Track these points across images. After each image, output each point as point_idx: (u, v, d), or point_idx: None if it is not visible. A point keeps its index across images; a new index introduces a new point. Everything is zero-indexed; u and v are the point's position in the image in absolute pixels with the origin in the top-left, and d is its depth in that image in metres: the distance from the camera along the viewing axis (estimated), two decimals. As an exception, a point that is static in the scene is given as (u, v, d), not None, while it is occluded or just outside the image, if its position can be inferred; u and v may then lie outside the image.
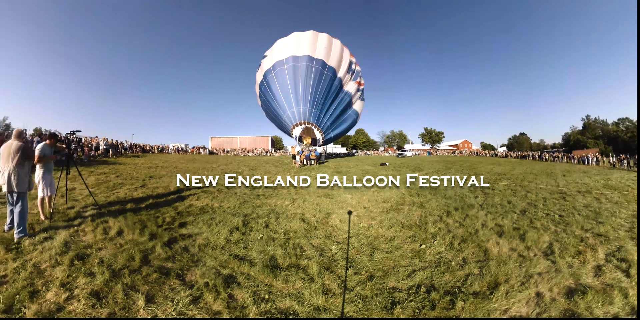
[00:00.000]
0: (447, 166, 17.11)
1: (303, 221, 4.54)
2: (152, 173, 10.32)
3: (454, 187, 7.90)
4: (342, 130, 25.22)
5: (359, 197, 6.43)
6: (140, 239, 3.58)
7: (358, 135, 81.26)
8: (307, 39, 21.46)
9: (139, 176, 9.22)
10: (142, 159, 16.87)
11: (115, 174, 9.45)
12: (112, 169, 10.78)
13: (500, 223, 4.53)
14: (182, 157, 22.69)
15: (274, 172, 11.97)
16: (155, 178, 9.03)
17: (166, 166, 13.47)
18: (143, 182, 7.96)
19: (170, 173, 10.60)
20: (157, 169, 11.72)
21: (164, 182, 8.10)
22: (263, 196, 6.53)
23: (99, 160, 14.77)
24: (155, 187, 7.25)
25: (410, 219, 4.72)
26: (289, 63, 21.16)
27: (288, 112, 21.33)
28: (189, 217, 4.66)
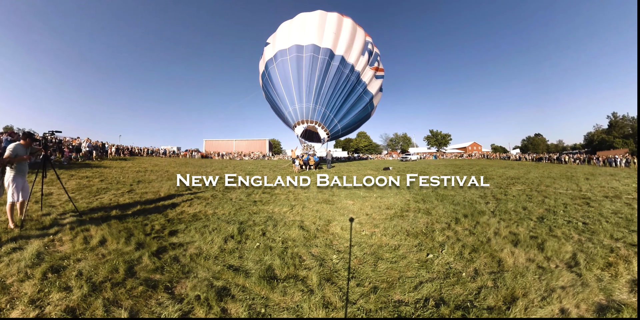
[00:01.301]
0: (454, 170, 16.99)
1: (302, 229, 4.47)
2: (141, 177, 10.22)
3: (460, 189, 7.90)
4: (351, 127, 23.80)
5: (361, 204, 6.37)
6: (126, 248, 3.49)
7: (360, 139, 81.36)
8: (313, 22, 19.94)
9: (125, 181, 9.11)
10: (130, 163, 16.74)
11: (99, 178, 9.34)
12: (96, 172, 10.66)
13: (515, 231, 4.42)
14: (174, 161, 22.56)
15: (271, 177, 11.87)
16: (143, 183, 8.92)
17: (156, 170, 13.38)
18: (130, 187, 7.86)
19: (161, 177, 10.50)
20: (146, 173, 11.62)
21: (154, 187, 8.01)
22: (260, 202, 6.47)
23: (81, 163, 14.51)
24: (143, 193, 7.15)
25: (416, 226, 4.65)
26: (292, 53, 19.79)
27: (290, 108, 20.26)
28: (180, 224, 4.57)
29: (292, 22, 20.98)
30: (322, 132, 20.55)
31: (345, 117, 21.24)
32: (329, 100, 19.78)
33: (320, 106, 19.65)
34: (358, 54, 20.39)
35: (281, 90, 20.37)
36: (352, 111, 21.43)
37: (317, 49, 19.39)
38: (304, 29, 20.00)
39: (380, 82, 22.92)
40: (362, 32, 21.05)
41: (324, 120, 20.12)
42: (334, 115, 20.36)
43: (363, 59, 20.74)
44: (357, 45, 20.41)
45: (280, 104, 20.99)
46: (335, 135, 22.08)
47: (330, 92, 19.66)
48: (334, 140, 23.70)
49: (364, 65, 20.81)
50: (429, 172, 15.37)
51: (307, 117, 19.84)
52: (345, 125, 21.99)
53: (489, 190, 8.48)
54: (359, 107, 21.76)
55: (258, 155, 40.83)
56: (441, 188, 8.70)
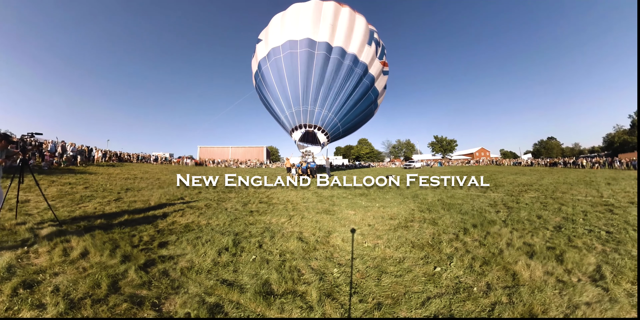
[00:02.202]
0: (461, 178, 16.86)
1: (301, 240, 4.40)
2: (129, 185, 10.14)
3: (468, 198, 7.81)
4: (354, 128, 22.81)
5: (362, 214, 6.31)
6: (110, 261, 3.38)
7: (361, 146, 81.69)
8: (307, 14, 18.79)
9: (112, 188, 9.02)
10: (118, 169, 16.64)
11: (83, 184, 9.24)
12: (80, 179, 10.56)
13: (530, 242, 4.31)
14: (166, 168, 22.48)
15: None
16: (132, 191, 8.84)
17: (146, 177, 13.32)
18: (117, 195, 7.77)
19: (151, 185, 10.42)
20: (135, 181, 11.55)
21: (143, 196, 7.92)
22: (257, 212, 6.42)
23: (64, 168, 14.27)
24: (132, 201, 7.05)
25: (422, 237, 4.57)
26: (285, 51, 18.71)
27: (287, 112, 19.41)
28: (171, 235, 4.47)
29: (285, 15, 19.87)
30: (321, 136, 19.69)
31: (347, 117, 20.19)
32: (329, 100, 18.80)
33: (320, 108, 18.74)
34: (361, 43, 18.95)
35: (276, 93, 19.53)
36: (356, 110, 20.32)
37: (312, 44, 18.20)
38: (298, 22, 18.86)
39: (386, 79, 21.97)
40: (362, 20, 19.65)
41: (324, 124, 19.24)
42: (335, 116, 19.31)
43: (370, 50, 19.26)
44: (358, 33, 19.01)
45: (276, 107, 20.19)
46: (336, 137, 21.37)
47: (330, 90, 18.62)
48: (335, 141, 22.69)
49: (371, 57, 19.38)
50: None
51: (305, 121, 18.99)
52: (347, 127, 21.11)
53: (499, 198, 8.39)
54: (364, 106, 20.60)
55: (255, 163, 40.82)
56: (445, 193, 8.69)
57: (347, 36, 18.57)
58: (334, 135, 20.45)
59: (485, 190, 10.30)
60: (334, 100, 18.86)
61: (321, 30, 18.30)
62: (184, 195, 8.33)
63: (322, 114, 18.88)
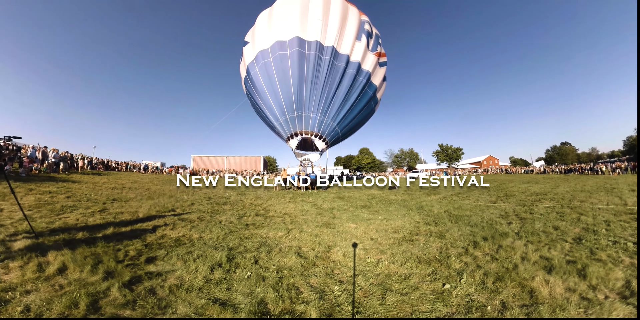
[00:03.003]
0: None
1: (299, 256, 4.32)
2: (117, 195, 10.00)
3: (477, 209, 7.70)
4: (354, 129, 22.14)
5: (364, 227, 6.25)
6: (91, 278, 3.25)
7: (362, 155, 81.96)
8: (295, 9, 18.10)
9: (98, 198, 8.90)
10: (105, 178, 16.44)
11: (65, 193, 9.10)
12: (62, 187, 10.40)
13: (547, 255, 4.19)
14: (157, 178, 22.25)
15: (265, 198, 11.73)
16: (119, 201, 8.71)
17: (135, 188, 13.17)
18: (103, 206, 7.66)
19: (140, 196, 10.31)
20: (123, 191, 11.41)
21: (131, 207, 7.80)
22: (253, 226, 6.36)
23: (44, 175, 13.96)
24: (118, 213, 6.94)
25: (428, 252, 4.48)
26: (274, 53, 18.06)
27: (280, 120, 18.92)
28: (160, 250, 4.37)
29: (271, 12, 19.26)
30: (319, 143, 19.19)
31: (346, 119, 19.62)
32: (324, 104, 18.28)
33: (315, 113, 18.25)
34: (352, 40, 18.42)
35: (268, 99, 18.99)
36: (354, 110, 19.72)
37: (302, 43, 17.56)
38: (285, 19, 18.22)
39: (384, 71, 21.17)
40: (355, 11, 19.13)
41: (320, 130, 18.72)
42: (332, 120, 18.81)
43: (360, 45, 18.72)
44: (350, 29, 18.45)
45: (269, 114, 19.71)
46: (335, 142, 20.90)
47: (325, 93, 18.11)
48: (335, 145, 22.06)
49: (363, 52, 18.85)
50: (439, 190, 15.15)
51: (301, 128, 18.58)
52: (346, 129, 20.58)
53: (511, 209, 8.28)
54: (362, 104, 19.92)
55: (252, 174, 40.66)
56: (452, 204, 8.61)
57: (338, 33, 17.93)
58: (332, 140, 19.95)
59: (495, 201, 10.18)
60: (330, 104, 18.34)
61: (311, 27, 17.57)
62: (175, 207, 8.23)
63: (318, 120, 18.37)
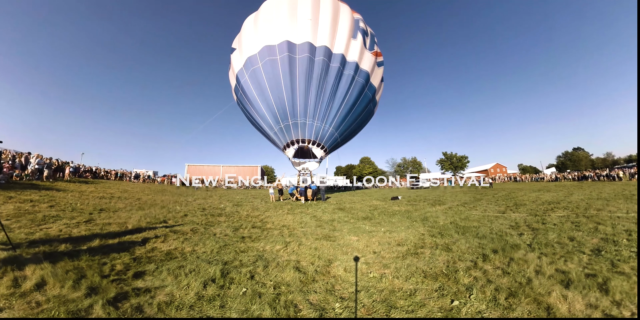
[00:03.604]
0: (475, 197, 16.65)
1: (298, 271, 4.25)
2: (104, 205, 9.91)
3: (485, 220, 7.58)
4: (353, 134, 21.82)
5: (366, 240, 6.19)
6: (72, 294, 3.14)
7: (363, 165, 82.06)
8: (283, 10, 17.62)
9: (84, 208, 8.81)
10: (92, 187, 16.28)
11: (48, 202, 9.00)
12: (45, 196, 10.29)
13: (564, 268, 4.09)
14: (148, 187, 22.13)
15: (262, 209, 11.64)
16: (107, 212, 8.63)
17: (125, 197, 13.09)
18: (89, 217, 7.56)
19: (130, 206, 10.23)
20: (111, 200, 11.31)
21: (120, 218, 7.70)
22: (249, 238, 6.28)
23: (26, 182, 13.78)
24: (106, 224, 6.84)
25: (435, 266, 4.40)
26: (263, 58, 17.60)
27: (275, 128, 18.65)
28: (150, 264, 4.27)
29: (258, 16, 18.89)
30: (317, 151, 18.86)
31: (345, 124, 19.25)
32: (321, 110, 17.80)
33: (311, 120, 17.86)
34: (347, 38, 17.89)
35: (260, 108, 18.69)
36: (354, 113, 19.36)
37: (292, 47, 17.15)
38: (273, 22, 17.76)
39: (382, 71, 20.90)
40: (347, 9, 18.65)
41: (318, 137, 18.33)
42: (330, 125, 18.36)
43: (356, 43, 18.25)
44: (343, 27, 17.85)
45: (263, 124, 19.44)
46: (334, 148, 20.71)
47: (321, 98, 17.63)
48: (334, 150, 21.71)
49: (359, 51, 18.32)
50: (445, 200, 15.06)
51: (297, 136, 18.24)
52: (346, 134, 20.31)
53: (522, 219, 8.18)
54: (360, 107, 19.52)
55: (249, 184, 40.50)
56: (458, 215, 8.49)
57: (331, 32, 17.43)
58: (331, 146, 19.71)
59: (504, 211, 10.08)
60: (326, 109, 17.87)
61: (300, 29, 17.10)
62: (167, 218, 8.14)
63: (315, 126, 17.98)
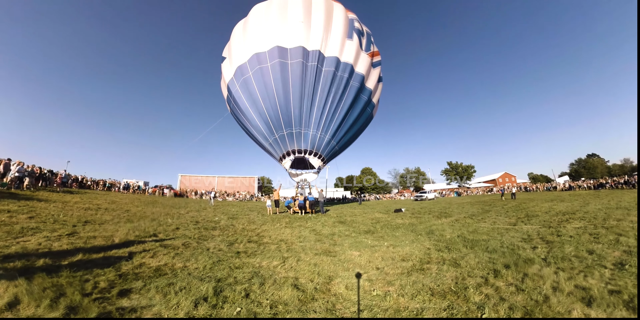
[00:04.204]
0: (484, 208, 16.54)
1: (297, 288, 4.16)
2: (90, 217, 9.76)
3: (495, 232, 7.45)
4: (352, 140, 21.50)
5: (369, 255, 6.12)
6: (49, 314, 3.01)
7: (364, 176, 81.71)
8: (273, 14, 17.37)
9: (67, 220, 8.66)
10: (78, 197, 16.02)
11: (27, 213, 8.84)
12: (25, 206, 10.10)
13: (584, 284, 3.99)
14: (138, 199, 21.88)
15: (259, 222, 11.50)
16: (92, 224, 8.48)
17: (113, 209, 12.93)
18: (73, 229, 7.42)
19: (118, 218, 10.09)
20: (97, 212, 11.13)
21: (106, 231, 7.56)
22: (244, 254, 6.17)
23: (5, 191, 13.56)
24: (90, 237, 6.69)
25: (442, 282, 4.32)
26: (254, 66, 17.45)
27: (270, 139, 18.52)
28: (137, 281, 4.14)
29: (247, 23, 18.81)
30: (315, 161, 18.62)
31: (341, 131, 18.95)
32: (316, 118, 17.57)
33: (307, 128, 17.65)
34: (341, 40, 17.58)
35: (253, 119, 18.59)
36: (349, 119, 19.08)
37: (283, 52, 16.85)
38: (261, 28, 17.59)
39: (378, 71, 20.59)
40: (340, 8, 18.34)
41: (314, 146, 18.09)
42: (326, 133, 18.08)
43: (352, 44, 17.94)
44: (337, 27, 17.53)
45: (257, 135, 19.34)
46: (332, 156, 20.52)
47: (316, 105, 17.38)
48: (333, 159, 21.39)
49: (355, 53, 18.02)
50: (451, 212, 14.93)
51: (293, 146, 18.09)
52: (344, 141, 20.04)
53: (535, 231, 8.07)
54: (357, 111, 19.28)
55: (245, 196, 40.36)
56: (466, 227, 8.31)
57: (324, 34, 17.09)
58: (329, 155, 19.54)
59: (515, 222, 9.98)
60: (322, 116, 17.61)
61: (292, 33, 16.85)
62: (157, 232, 8.00)
63: (311, 135, 17.75)
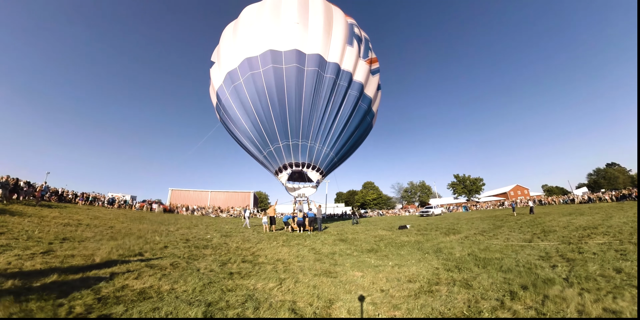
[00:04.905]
0: (495, 224, 16.37)
1: (294, 313, 4.07)
2: (69, 233, 9.59)
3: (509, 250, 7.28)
4: (351, 151, 21.03)
5: (373, 276, 6.02)
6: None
7: (366, 191, 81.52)
8: (264, 15, 16.80)
9: (43, 237, 8.51)
10: (57, 211, 15.75)
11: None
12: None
13: (614, 307, 3.85)
14: (124, 214, 21.51)
15: (254, 240, 11.30)
16: (71, 241, 8.32)
17: (95, 225, 12.72)
18: (48, 247, 7.25)
19: (100, 235, 9.92)
20: (78, 229, 10.97)
21: (87, 249, 7.39)
22: (238, 275, 6.04)
23: None
24: (68, 256, 6.52)
25: (454, 306, 4.19)
26: (245, 73, 16.76)
27: (264, 152, 17.99)
28: (118, 306, 3.99)
29: (237, 25, 18.25)
30: (313, 174, 18.15)
31: (340, 142, 18.52)
32: (314, 128, 17.08)
33: (304, 140, 17.12)
34: (342, 45, 17.00)
35: (245, 130, 17.99)
36: (349, 129, 18.62)
37: (276, 56, 16.12)
38: (253, 30, 16.96)
39: (377, 79, 20.33)
40: (340, 13, 17.97)
41: (312, 159, 17.65)
42: (324, 145, 17.63)
43: (352, 51, 17.43)
44: (337, 32, 16.96)
45: (250, 147, 18.89)
46: (331, 169, 20.22)
47: (314, 115, 16.86)
48: (332, 172, 21.09)
49: (354, 60, 17.57)
50: (460, 228, 14.73)
51: (289, 159, 17.65)
52: (343, 152, 19.69)
53: (553, 248, 7.92)
54: (356, 121, 18.89)
55: (239, 212, 39.94)
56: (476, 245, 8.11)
57: (324, 38, 16.53)
58: (328, 168, 19.12)
59: (531, 239, 9.83)
60: (320, 126, 17.14)
61: (285, 34, 16.22)
62: (143, 251, 7.83)
63: (308, 147, 17.28)
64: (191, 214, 35.77)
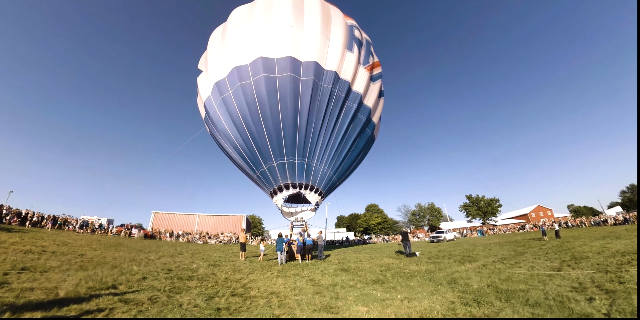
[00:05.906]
0: (517, 250, 16.03)
1: None
2: (30, 262, 9.31)
3: (535, 280, 6.97)
4: (352, 168, 20.56)
5: (379, 311, 5.68)
6: None
7: (370, 214, 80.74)
8: (255, 18, 16.43)
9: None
10: (17, 236, 15.34)
11: None
12: None
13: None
14: (98, 240, 20.94)
15: (246, 271, 10.97)
16: (32, 272, 8.06)
17: (63, 252, 12.36)
18: (3, 278, 6.99)
19: (67, 265, 9.64)
20: (41, 256, 10.68)
21: (50, 281, 7.14)
22: (226, 311, 5.74)
23: None
24: (26, 289, 6.24)
25: None
26: (234, 83, 16.31)
27: (258, 172, 17.63)
28: (82, 350, 3.68)
29: (225, 30, 17.91)
30: (312, 196, 17.67)
31: (338, 159, 18.04)
32: (311, 145, 16.65)
33: (300, 158, 16.67)
34: (342, 51, 16.62)
35: (237, 146, 17.62)
36: (346, 144, 18.19)
37: (268, 64, 15.59)
38: (242, 36, 16.59)
39: (379, 85, 19.84)
40: (339, 14, 17.68)
41: (310, 179, 17.15)
42: (320, 163, 17.17)
43: (352, 58, 17.03)
44: (337, 36, 16.55)
45: (243, 165, 18.59)
46: (331, 189, 19.80)
47: (312, 130, 16.44)
48: (332, 191, 20.65)
49: (354, 68, 17.23)
50: (476, 256, 14.37)
51: (285, 179, 17.15)
52: (342, 172, 19.26)
53: (587, 277, 7.62)
54: (354, 134, 18.44)
55: (230, 238, 39.26)
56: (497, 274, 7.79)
57: (322, 43, 16.10)
58: (327, 188, 18.65)
59: (560, 267, 9.51)
60: (316, 143, 16.72)
61: (278, 39, 15.71)
62: (118, 283, 7.56)
63: (306, 166, 16.85)
64: (176, 240, 35.15)
